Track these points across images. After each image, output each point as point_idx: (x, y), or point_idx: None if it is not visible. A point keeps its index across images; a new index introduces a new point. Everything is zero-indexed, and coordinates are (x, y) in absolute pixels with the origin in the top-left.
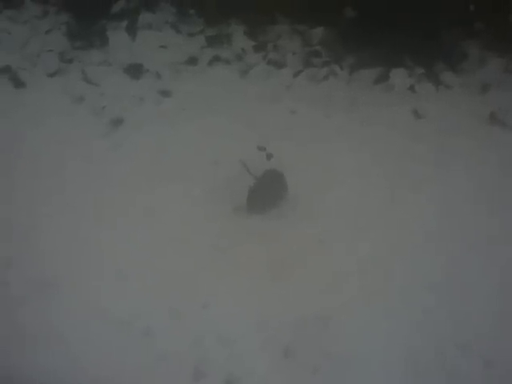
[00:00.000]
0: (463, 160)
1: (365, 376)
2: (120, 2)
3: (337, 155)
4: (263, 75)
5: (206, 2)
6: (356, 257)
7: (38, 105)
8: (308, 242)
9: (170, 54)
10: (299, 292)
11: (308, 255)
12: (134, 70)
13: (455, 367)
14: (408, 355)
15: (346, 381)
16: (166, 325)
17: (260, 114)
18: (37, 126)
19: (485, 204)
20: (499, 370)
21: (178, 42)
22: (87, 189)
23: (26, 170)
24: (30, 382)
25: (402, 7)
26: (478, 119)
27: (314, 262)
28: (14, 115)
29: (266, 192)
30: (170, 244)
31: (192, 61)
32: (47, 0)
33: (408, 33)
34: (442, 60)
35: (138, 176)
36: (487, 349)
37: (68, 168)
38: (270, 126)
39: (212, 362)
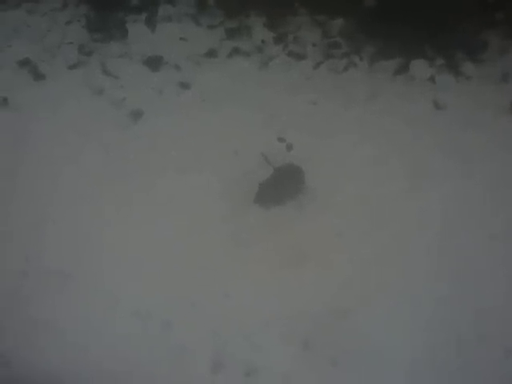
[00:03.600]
0: (483, 151)
1: (383, 368)
2: None
3: (356, 146)
4: (283, 67)
5: None
6: (374, 249)
7: (58, 97)
8: (326, 234)
9: (189, 46)
10: (318, 284)
11: (327, 247)
12: (154, 62)
13: (475, 357)
14: (427, 346)
15: (365, 373)
16: (184, 317)
17: (280, 106)
18: (56, 118)
19: (505, 194)
20: None
21: (197, 34)
22: (106, 180)
23: (44, 162)
24: (45, 374)
25: None
26: (498, 109)
27: (333, 254)
28: (33, 107)
29: (285, 184)
30: (188, 235)
31: (212, 53)
32: None
33: (428, 23)
34: (462, 50)
35: (157, 167)
36: (506, 339)
37: (87, 159)
38: (290, 117)
39: (231, 354)
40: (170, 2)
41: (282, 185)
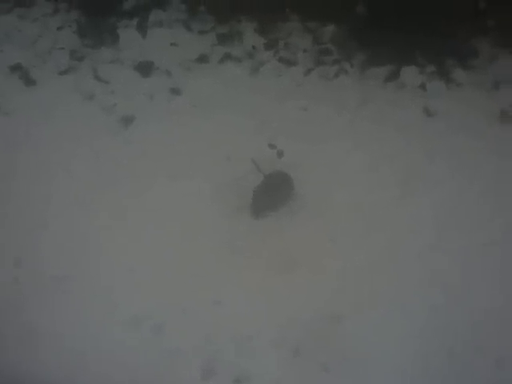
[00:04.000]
0: (474, 158)
1: (375, 375)
2: (131, 0)
3: (347, 153)
4: (274, 73)
5: (217, 0)
6: (366, 255)
7: (49, 102)
8: (318, 240)
9: (180, 52)
10: (310, 290)
11: (318, 254)
12: (145, 68)
13: (466, 366)
14: (419, 354)
15: (357, 380)
16: (176, 323)
17: (271, 112)
18: (47, 124)
19: (496, 201)
20: (510, 368)
21: (188, 40)
22: (97, 186)
23: (35, 168)
24: (39, 379)
25: (412, 5)
26: (488, 117)
27: (325, 261)
28: (24, 113)
29: (276, 190)
30: (180, 241)
31: (203, 58)
32: None
33: (419, 30)
34: (453, 57)
35: (149, 173)
36: (498, 348)
37: (78, 165)
38: (281, 123)
39: (222, 360)
40: (161, 8)
41: (273, 191)
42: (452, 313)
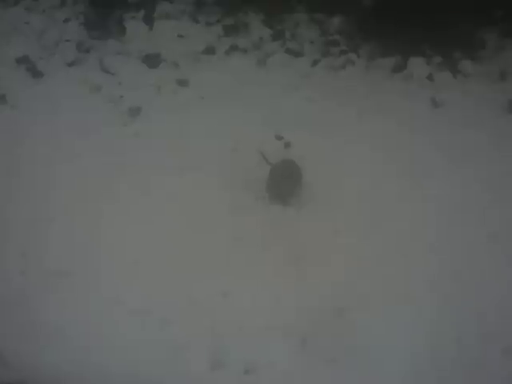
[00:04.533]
0: (481, 149)
1: (383, 366)
2: None
3: (354, 144)
4: (281, 64)
5: None
6: (373, 247)
7: (56, 94)
8: (325, 232)
9: (187, 44)
10: (318, 282)
11: (325, 246)
12: (152, 60)
13: (473, 356)
14: (426, 345)
15: (364, 371)
16: (183, 315)
17: (278, 103)
18: (54, 116)
19: (503, 193)
20: None
21: (195, 32)
22: (104, 178)
23: (42, 159)
24: (44, 372)
25: None
26: (496, 107)
27: (332, 253)
28: (31, 105)
29: (283, 182)
30: (187, 233)
31: (210, 50)
32: None
33: (426, 21)
34: (460, 48)
35: (156, 165)
36: (505, 337)
37: (85, 157)
38: (288, 114)
39: (230, 352)
40: (168, 0)
41: (280, 183)
42: (458, 303)
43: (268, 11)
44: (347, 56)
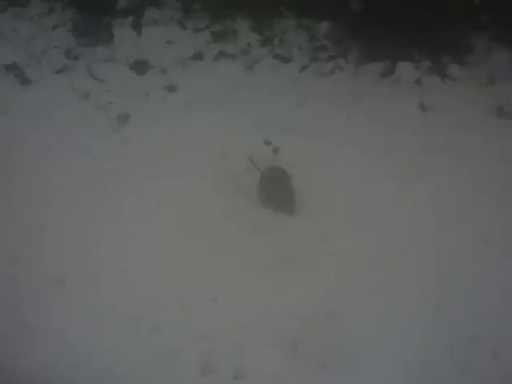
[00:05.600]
0: (470, 153)
1: (373, 371)
2: None
3: (343, 149)
4: (269, 70)
5: None
6: (363, 251)
7: (44, 102)
8: (315, 236)
9: (175, 50)
10: (307, 287)
11: (315, 250)
12: (140, 66)
13: (465, 359)
14: (417, 349)
15: (354, 376)
16: (173, 320)
17: (266, 109)
18: (43, 123)
19: (492, 196)
20: (508, 360)
21: (183, 38)
22: (93, 184)
23: (31, 166)
24: (35, 378)
25: (407, 0)
26: (484, 112)
27: (322, 257)
28: (20, 112)
29: (273, 187)
30: (177, 239)
31: (198, 56)
32: None
33: (414, 26)
34: (449, 53)
35: (145, 171)
36: (496, 340)
37: (74, 164)
38: (277, 120)
39: (220, 357)
40: (156, 6)
41: (269, 188)
42: (450, 307)
43: (256, 17)
44: (336, 61)
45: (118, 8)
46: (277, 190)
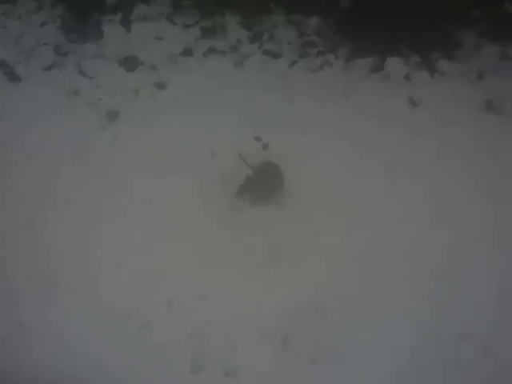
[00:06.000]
0: (459, 148)
1: (362, 366)
2: None
3: (333, 144)
4: (259, 65)
5: None
6: (353, 247)
7: (34, 99)
8: (305, 232)
9: (165, 46)
10: (297, 283)
11: (305, 245)
12: (130, 63)
13: (455, 356)
14: (407, 345)
15: (345, 371)
16: (163, 317)
17: (256, 105)
18: (32, 120)
19: (482, 192)
20: (498, 358)
21: (173, 34)
22: (84, 183)
23: (22, 164)
24: (28, 376)
25: None
26: (474, 107)
27: (312, 253)
28: (9, 109)
29: (263, 183)
30: (167, 236)
31: (187, 52)
32: None
33: (403, 21)
34: (438, 48)
35: (135, 169)
36: (487, 338)
37: (65, 161)
38: (266, 116)
39: (210, 354)
40: (145, 2)
41: (259, 184)
42: (440, 303)
43: (245, 14)
44: (325, 57)
45: (106, 4)
46: (268, 186)
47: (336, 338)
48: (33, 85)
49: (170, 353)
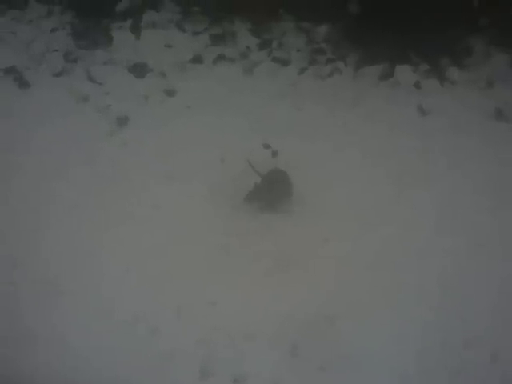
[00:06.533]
0: (468, 156)
1: (371, 374)
2: (124, 1)
3: (342, 152)
4: (268, 73)
5: (210, 0)
6: (362, 255)
7: (43, 105)
8: (314, 239)
9: (174, 53)
10: (306, 290)
11: (314, 253)
12: (139, 69)
13: (463, 362)
14: (415, 352)
15: (353, 379)
16: (172, 324)
17: (265, 112)
18: (42, 126)
19: (490, 200)
20: (505, 364)
21: (182, 41)
22: (92, 188)
23: (30, 169)
24: (35, 381)
25: (406, 3)
26: (483, 115)
27: (321, 260)
28: (19, 115)
29: (271, 190)
30: (175, 242)
31: (197, 59)
32: (52, 0)
33: (413, 29)
34: (447, 56)
35: (144, 174)
36: (493, 343)
37: (73, 167)
38: (276, 123)
39: (219, 361)
40: (155, 9)
41: (268, 191)
42: (448, 310)
43: (255, 21)
44: (334, 64)
45: (116, 11)
46: (276, 193)
47: (344, 346)
48: (42, 91)
49: (179, 359)
